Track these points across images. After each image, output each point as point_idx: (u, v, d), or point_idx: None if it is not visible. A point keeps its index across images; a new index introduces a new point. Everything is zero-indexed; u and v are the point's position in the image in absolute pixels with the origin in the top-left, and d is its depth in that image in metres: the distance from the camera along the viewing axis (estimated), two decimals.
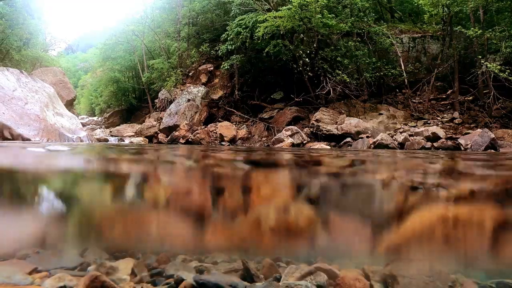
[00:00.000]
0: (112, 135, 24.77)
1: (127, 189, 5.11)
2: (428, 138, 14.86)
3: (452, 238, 4.08)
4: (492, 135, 13.48)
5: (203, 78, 26.04)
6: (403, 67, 19.56)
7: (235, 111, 23.19)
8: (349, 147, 15.90)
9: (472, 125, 16.52)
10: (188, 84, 25.73)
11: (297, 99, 20.15)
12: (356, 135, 16.59)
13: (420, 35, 21.55)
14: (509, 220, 4.18)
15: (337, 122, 17.77)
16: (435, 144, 14.45)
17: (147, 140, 21.82)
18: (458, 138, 14.70)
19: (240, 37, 20.74)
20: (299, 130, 17.82)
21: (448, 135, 15.28)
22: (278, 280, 4.36)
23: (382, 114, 18.40)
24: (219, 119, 22.98)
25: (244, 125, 21.67)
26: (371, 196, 4.74)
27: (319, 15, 18.20)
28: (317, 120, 17.86)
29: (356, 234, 4.15)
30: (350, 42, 19.22)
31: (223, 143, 19.29)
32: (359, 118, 17.95)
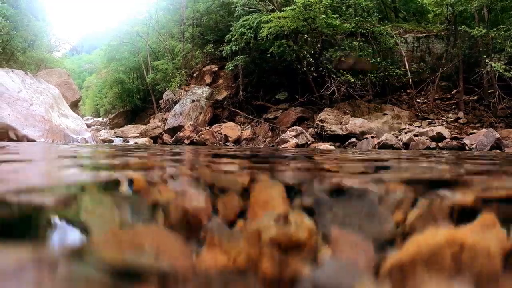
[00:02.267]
0: (116, 136, 24.84)
1: None
2: (433, 138, 14.83)
3: None
4: (497, 135, 13.43)
5: (208, 79, 26.08)
6: (407, 67, 19.52)
7: (239, 111, 23.20)
8: (354, 148, 15.87)
9: (477, 125, 16.48)
10: (192, 85, 25.78)
11: (301, 100, 20.13)
12: (360, 136, 16.57)
13: (424, 34, 21.51)
14: None
15: (341, 123, 17.75)
16: (440, 144, 14.42)
17: (151, 140, 21.85)
18: (463, 138, 14.66)
19: (244, 37, 20.76)
20: (303, 130, 17.81)
21: (453, 135, 15.24)
22: None
23: (386, 114, 18.37)
24: (224, 120, 23.00)
25: (248, 126, 21.68)
26: None
27: (323, 15, 18.19)
28: (321, 121, 17.84)
29: None
30: (354, 42, 19.21)
31: (227, 143, 19.30)
32: (363, 118, 17.93)
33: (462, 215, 1.46)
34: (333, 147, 15.81)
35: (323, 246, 1.02)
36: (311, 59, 19.21)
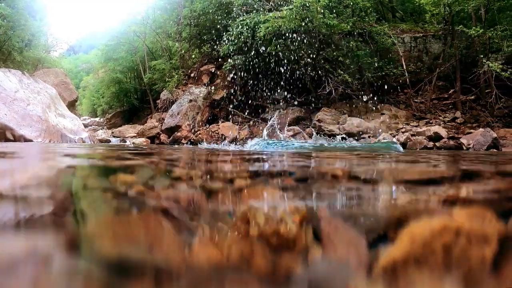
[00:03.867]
0: (114, 136, 24.82)
1: None
2: (430, 138, 14.84)
3: None
4: (494, 135, 13.46)
5: (205, 79, 26.05)
6: (404, 67, 19.54)
7: (236, 111, 23.19)
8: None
9: (474, 125, 16.50)
10: (189, 85, 25.76)
11: (298, 100, 20.13)
12: (358, 135, 16.58)
13: (421, 34, 21.54)
14: None
15: (339, 122, 17.75)
16: (437, 144, 14.43)
17: (149, 140, 21.84)
18: (460, 137, 14.67)
19: (242, 37, 20.77)
20: (301, 130, 17.81)
21: (450, 135, 15.25)
22: None
23: (384, 114, 18.38)
24: (221, 120, 22.99)
25: (246, 125, 21.66)
26: None
27: (321, 15, 18.19)
28: (319, 120, 17.85)
29: None
30: (351, 42, 19.21)
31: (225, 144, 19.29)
32: (361, 118, 17.94)
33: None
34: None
35: (315, 242, 1.02)
36: (309, 59, 19.22)
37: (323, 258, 0.92)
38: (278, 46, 19.38)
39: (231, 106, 23.76)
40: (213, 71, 26.44)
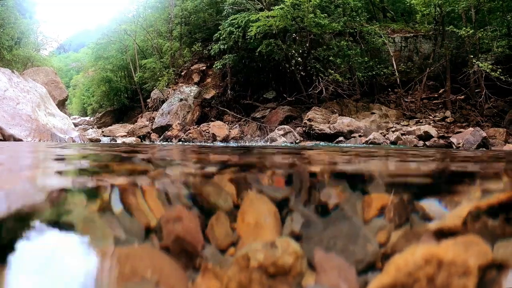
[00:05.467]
0: (104, 135, 24.65)
1: None
2: (420, 137, 14.91)
3: None
4: (484, 134, 13.53)
5: (196, 78, 26.01)
6: (395, 67, 19.62)
7: (227, 110, 23.18)
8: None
9: (464, 124, 16.58)
10: (180, 84, 25.70)
11: (289, 99, 20.16)
12: (348, 134, 16.62)
13: (412, 34, 21.62)
14: None
15: (329, 121, 17.78)
16: (427, 143, 14.50)
17: (139, 140, 21.72)
18: (450, 136, 14.74)
19: (233, 36, 20.75)
20: (291, 129, 17.83)
21: (440, 134, 15.32)
22: None
23: (374, 113, 18.44)
24: (212, 119, 22.96)
25: (236, 125, 21.65)
26: None
27: (312, 15, 18.21)
28: (309, 120, 17.88)
29: None
30: (342, 42, 19.24)
31: (215, 142, 19.27)
32: (351, 117, 17.99)
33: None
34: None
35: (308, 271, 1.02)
36: (299, 58, 19.25)
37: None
38: (269, 45, 19.38)
39: (221, 105, 23.77)
40: (204, 70, 26.41)
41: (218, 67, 22.38)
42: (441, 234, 1.28)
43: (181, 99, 23.32)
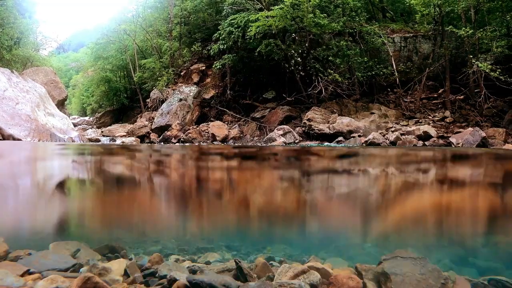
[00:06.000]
0: (103, 135, 24.62)
1: None
2: (419, 137, 14.92)
3: None
4: (483, 134, 13.55)
5: (195, 78, 25.99)
6: (394, 67, 19.62)
7: (227, 110, 23.17)
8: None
9: (463, 124, 16.59)
10: (180, 84, 25.67)
11: (289, 99, 20.14)
12: (348, 134, 16.63)
13: (411, 34, 21.61)
14: None
15: (329, 121, 17.79)
16: (427, 143, 14.52)
17: (138, 140, 21.69)
18: (450, 136, 14.75)
19: (232, 36, 20.74)
20: (291, 129, 17.83)
21: (439, 134, 15.33)
22: (271, 279, 4.37)
23: (373, 113, 18.44)
24: (211, 119, 22.94)
25: (236, 125, 21.63)
26: None
27: (311, 15, 18.21)
28: (309, 120, 17.88)
29: None
30: (342, 42, 19.24)
31: (215, 142, 19.27)
32: (351, 117, 18.00)
33: None
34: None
35: None
36: (299, 58, 19.24)
37: None
38: (269, 45, 19.37)
39: (221, 105, 23.77)
40: (203, 70, 26.40)
41: (218, 67, 22.38)
42: None
43: (181, 99, 23.30)
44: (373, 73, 19.33)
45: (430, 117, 17.89)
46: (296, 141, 17.09)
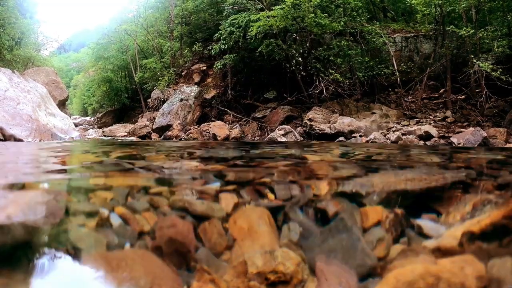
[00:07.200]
0: (105, 135, 24.64)
1: None
2: (420, 137, 14.90)
3: None
4: (485, 134, 13.53)
5: (196, 78, 26.01)
6: (395, 66, 19.60)
7: (228, 110, 23.17)
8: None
9: (465, 124, 16.57)
10: (181, 84, 25.70)
11: (290, 99, 20.13)
12: (349, 134, 16.61)
13: (412, 34, 21.61)
14: None
15: (330, 121, 17.77)
16: (428, 143, 14.49)
17: (140, 140, 21.72)
18: (451, 136, 14.73)
19: (233, 36, 20.74)
20: (292, 129, 17.81)
21: (440, 134, 15.31)
22: None
23: (375, 113, 18.43)
24: (212, 119, 22.96)
25: (237, 125, 21.64)
26: None
27: (312, 15, 18.20)
28: (310, 120, 17.86)
29: None
30: (343, 42, 19.22)
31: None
32: (352, 117, 17.99)
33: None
34: None
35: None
36: (300, 58, 19.23)
37: None
38: (270, 45, 19.37)
39: (222, 105, 23.78)
40: (204, 70, 26.42)
41: (219, 67, 22.38)
42: None
43: (182, 99, 23.32)
44: (374, 73, 19.31)
45: (431, 117, 17.87)
46: (297, 141, 17.08)
